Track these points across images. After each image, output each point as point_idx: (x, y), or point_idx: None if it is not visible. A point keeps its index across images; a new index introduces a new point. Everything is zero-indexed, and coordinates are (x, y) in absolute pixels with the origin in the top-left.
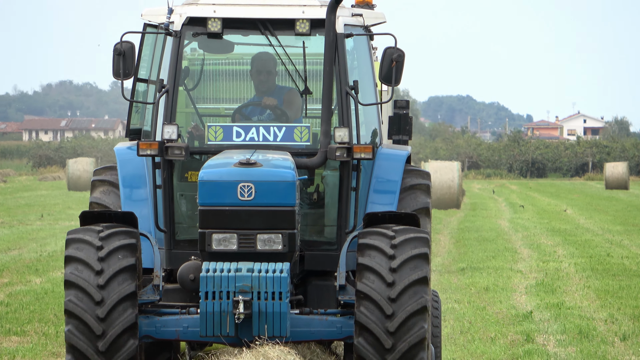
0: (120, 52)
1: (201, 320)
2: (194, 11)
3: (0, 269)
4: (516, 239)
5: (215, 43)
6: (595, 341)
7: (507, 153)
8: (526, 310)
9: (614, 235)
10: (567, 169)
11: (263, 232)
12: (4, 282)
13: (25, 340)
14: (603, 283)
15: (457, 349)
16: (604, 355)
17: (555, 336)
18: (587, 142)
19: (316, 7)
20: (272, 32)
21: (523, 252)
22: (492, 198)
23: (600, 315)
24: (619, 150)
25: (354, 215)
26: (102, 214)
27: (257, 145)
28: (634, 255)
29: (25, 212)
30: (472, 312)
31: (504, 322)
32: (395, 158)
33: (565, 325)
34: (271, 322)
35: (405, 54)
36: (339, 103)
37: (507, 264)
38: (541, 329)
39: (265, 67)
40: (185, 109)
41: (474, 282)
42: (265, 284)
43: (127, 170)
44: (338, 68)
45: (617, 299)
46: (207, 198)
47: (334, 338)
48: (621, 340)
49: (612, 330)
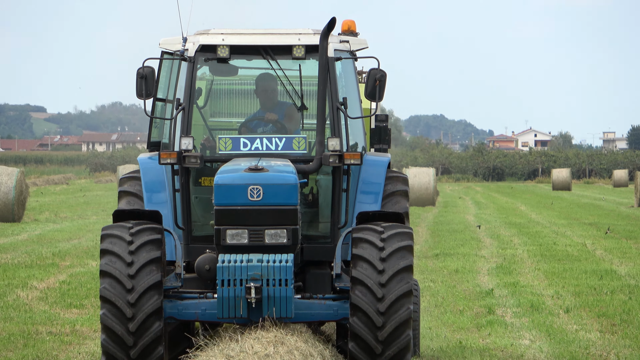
0: (142, 75)
1: (218, 303)
2: (205, 40)
3: (64, 254)
4: (481, 231)
5: (223, 67)
6: (544, 313)
7: (472, 161)
8: (488, 288)
9: (559, 227)
10: (521, 174)
11: (270, 228)
12: (66, 265)
13: (83, 312)
14: (550, 266)
15: (433, 319)
16: (551, 324)
17: (512, 309)
18: (537, 152)
19: (310, 34)
20: (273, 56)
21: (485, 241)
22: (461, 198)
23: (547, 292)
24: (563, 158)
25: (345, 213)
26: (132, 212)
27: (261, 153)
28: (575, 243)
29: (84, 209)
30: (445, 289)
31: (470, 297)
32: (379, 164)
33: (520, 300)
34: (279, 305)
35: (387, 74)
36: (331, 117)
37: (472, 251)
38: (500, 303)
39: (270, 86)
40: (198, 123)
41: (446, 265)
42: (273, 272)
43: (149, 176)
44: (330, 87)
45: (562, 279)
46: (222, 199)
47: (331, 319)
48: (565, 312)
49: (557, 304)
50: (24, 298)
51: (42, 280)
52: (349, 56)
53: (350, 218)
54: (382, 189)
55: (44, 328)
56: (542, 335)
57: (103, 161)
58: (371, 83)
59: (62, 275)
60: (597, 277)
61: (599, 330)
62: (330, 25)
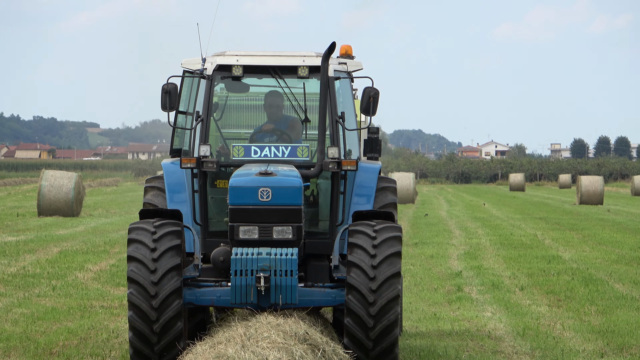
0: (167, 91)
1: (232, 291)
2: (222, 60)
3: (113, 242)
4: (451, 224)
5: (236, 84)
6: (503, 290)
7: (445, 167)
8: (457, 270)
9: (515, 221)
10: (484, 177)
11: (277, 225)
12: (115, 251)
13: None
14: (508, 252)
15: (412, 295)
16: (508, 299)
17: (477, 287)
18: (497, 160)
19: (313, 57)
20: (280, 75)
21: (455, 232)
22: (436, 197)
23: (505, 273)
24: (518, 165)
25: (342, 212)
26: (156, 210)
27: (269, 160)
28: (528, 234)
29: (129, 206)
30: (422, 271)
31: (442, 278)
32: (372, 170)
33: (483, 280)
34: (284, 292)
35: (379, 92)
36: (330, 129)
37: (445, 240)
38: (467, 282)
39: (276, 102)
40: (215, 133)
41: (423, 251)
42: (280, 264)
43: (171, 179)
44: (329, 103)
45: (517, 263)
46: (236, 200)
47: (329, 305)
48: (520, 290)
49: (513, 283)
50: (80, 278)
51: (95, 264)
52: (346, 76)
53: (347, 217)
54: (374, 192)
55: (97, 302)
56: (501, 308)
57: (145, 167)
58: (365, 100)
59: (112, 260)
60: (546, 261)
61: (548, 304)
62: (331, 49)
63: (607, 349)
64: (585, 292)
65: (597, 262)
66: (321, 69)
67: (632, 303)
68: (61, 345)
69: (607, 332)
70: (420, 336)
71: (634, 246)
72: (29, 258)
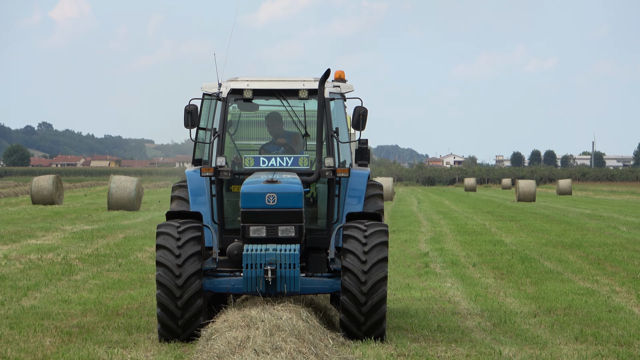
0: (189, 111)
1: (244, 280)
2: (234, 85)
3: None
4: (420, 216)
5: (247, 105)
6: (459, 266)
7: (415, 173)
8: (425, 251)
9: (469, 214)
10: (445, 181)
11: (282, 225)
12: None
13: None
14: (463, 238)
15: (390, 270)
16: (464, 273)
17: (439, 264)
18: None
19: (312, 81)
20: (284, 97)
21: (423, 222)
22: (409, 196)
23: (461, 253)
24: (471, 171)
25: (337, 212)
26: (180, 212)
27: (275, 169)
28: (478, 224)
29: None
30: (398, 252)
31: (414, 257)
32: (362, 175)
33: (444, 258)
34: (288, 282)
35: (368, 110)
36: (327, 141)
37: (415, 228)
38: (432, 260)
39: (271, 122)
40: (229, 146)
41: (399, 237)
42: (284, 258)
43: (193, 185)
44: (325, 120)
45: (470, 245)
46: (247, 204)
47: (327, 292)
48: (472, 266)
49: (467, 261)
50: (140, 257)
51: (151, 247)
52: (340, 97)
53: (341, 215)
54: (364, 194)
55: (152, 275)
56: (458, 280)
57: None
58: (356, 117)
59: None
60: (492, 244)
61: (493, 277)
62: (326, 75)
63: (538, 311)
64: (522, 268)
65: (530, 245)
66: (318, 91)
67: (557, 276)
68: (125, 308)
69: (539, 298)
70: (397, 301)
71: (558, 233)
72: (100, 242)
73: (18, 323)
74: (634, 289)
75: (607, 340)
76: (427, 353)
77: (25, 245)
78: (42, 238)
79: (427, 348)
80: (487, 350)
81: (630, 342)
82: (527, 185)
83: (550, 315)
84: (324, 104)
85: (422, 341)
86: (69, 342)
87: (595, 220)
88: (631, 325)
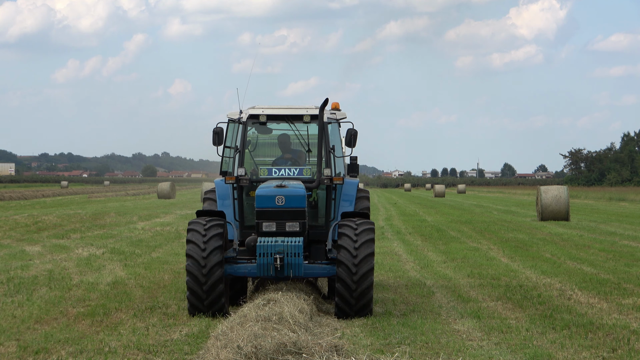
0: (216, 132)
1: (257, 267)
2: (252, 112)
3: None
4: (379, 206)
5: (263, 128)
6: (401, 234)
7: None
8: (382, 226)
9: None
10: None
11: (289, 221)
12: None
13: None
14: (404, 218)
15: None
16: (403, 238)
17: (390, 233)
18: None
19: (313, 109)
20: (291, 121)
21: (381, 209)
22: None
23: (403, 227)
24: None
25: (333, 212)
26: (208, 211)
27: (284, 177)
28: (412, 210)
29: None
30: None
31: (376, 229)
32: (353, 184)
33: (392, 230)
34: (294, 268)
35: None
36: (325, 156)
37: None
38: (385, 231)
39: (283, 140)
40: (248, 160)
41: (377, 226)
42: (290, 248)
43: (220, 190)
44: (324, 139)
45: (408, 223)
46: (260, 204)
47: (326, 276)
48: (409, 234)
49: (406, 231)
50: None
51: None
52: (335, 122)
53: (337, 215)
54: (354, 198)
55: None
56: (400, 242)
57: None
58: (348, 137)
59: None
60: (420, 221)
61: (421, 240)
62: (325, 104)
63: (447, 259)
64: (438, 235)
65: (442, 222)
66: (319, 117)
67: (457, 240)
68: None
69: (447, 252)
70: None
71: (458, 215)
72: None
73: (149, 266)
74: (501, 248)
75: (486, 276)
76: (379, 285)
77: (153, 222)
78: (163, 217)
79: (379, 283)
80: (417, 282)
81: (498, 276)
82: (440, 188)
83: (453, 262)
84: (323, 127)
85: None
86: (178, 277)
87: (479, 208)
88: (500, 267)
